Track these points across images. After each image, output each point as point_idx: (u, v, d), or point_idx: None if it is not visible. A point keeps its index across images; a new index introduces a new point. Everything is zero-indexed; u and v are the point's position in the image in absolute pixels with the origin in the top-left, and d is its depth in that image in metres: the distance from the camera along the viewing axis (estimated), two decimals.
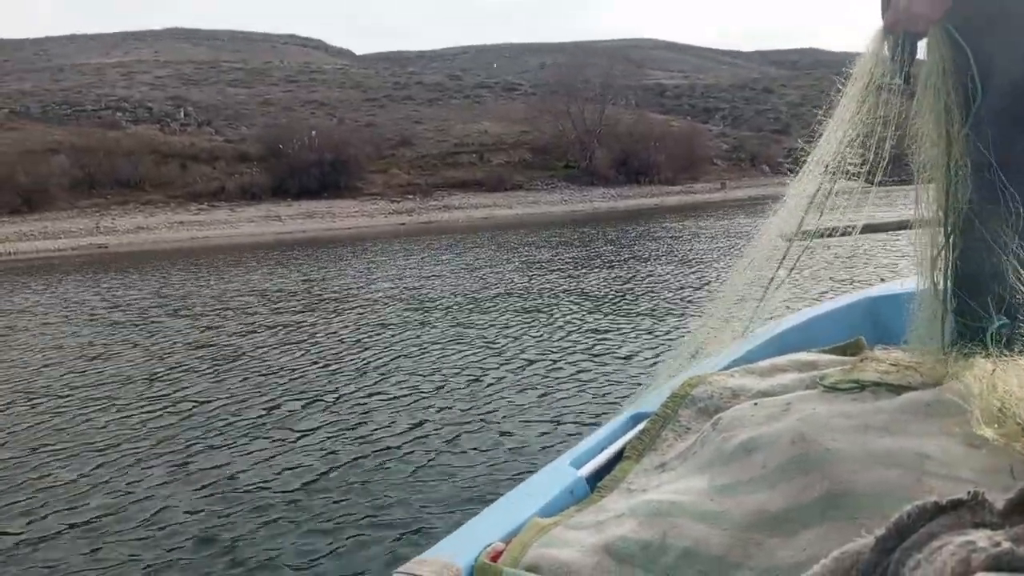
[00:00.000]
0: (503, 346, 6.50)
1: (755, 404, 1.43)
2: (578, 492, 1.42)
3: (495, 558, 1.17)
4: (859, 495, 1.08)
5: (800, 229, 2.27)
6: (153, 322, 9.01)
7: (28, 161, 31.07)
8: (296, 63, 67.81)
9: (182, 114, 44.04)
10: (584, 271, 11.62)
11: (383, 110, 51.37)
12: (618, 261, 12.84)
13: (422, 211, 33.88)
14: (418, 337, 7.13)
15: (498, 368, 5.72)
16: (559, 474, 1.47)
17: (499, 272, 12.18)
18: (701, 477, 1.29)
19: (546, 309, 8.20)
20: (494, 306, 8.65)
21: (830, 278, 7.85)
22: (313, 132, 36.86)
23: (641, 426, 1.61)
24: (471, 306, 8.75)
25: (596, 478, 1.47)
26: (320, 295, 10.67)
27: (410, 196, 36.56)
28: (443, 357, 6.20)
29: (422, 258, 15.72)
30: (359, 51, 71.79)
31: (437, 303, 9.17)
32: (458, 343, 6.71)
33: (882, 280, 5.71)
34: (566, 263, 13.03)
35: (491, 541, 1.21)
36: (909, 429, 1.18)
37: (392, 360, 6.22)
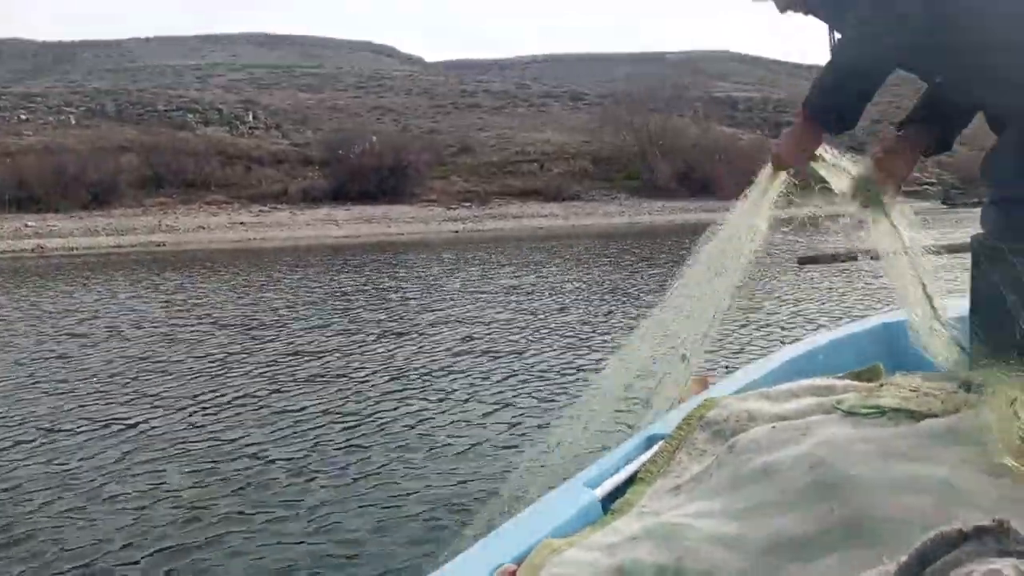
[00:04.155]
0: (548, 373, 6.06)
1: (773, 428, 1.40)
2: (591, 513, 1.41)
3: None
4: (880, 522, 1.06)
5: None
6: (195, 327, 8.87)
7: (99, 158, 32.15)
8: (367, 69, 68.82)
9: (251, 117, 44.98)
10: (634, 291, 11.14)
11: (448, 117, 51.63)
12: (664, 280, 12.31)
13: (477, 219, 33.73)
14: (448, 358, 6.78)
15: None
16: (572, 495, 1.45)
17: (543, 291, 11.79)
18: (717, 500, 1.27)
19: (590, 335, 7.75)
20: (534, 331, 8.21)
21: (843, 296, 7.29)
22: (374, 137, 37.15)
23: (655, 448, 1.60)
24: (510, 328, 8.32)
25: (610, 500, 1.46)
26: (360, 305, 10.46)
27: (467, 204, 36.49)
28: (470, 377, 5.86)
29: (469, 271, 15.44)
30: (432, 58, 72.57)
31: (470, 320, 8.82)
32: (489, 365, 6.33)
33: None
34: (614, 280, 12.57)
35: (503, 561, 1.20)
36: (930, 456, 1.17)
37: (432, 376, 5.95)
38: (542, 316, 8.70)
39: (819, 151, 1.79)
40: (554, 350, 6.79)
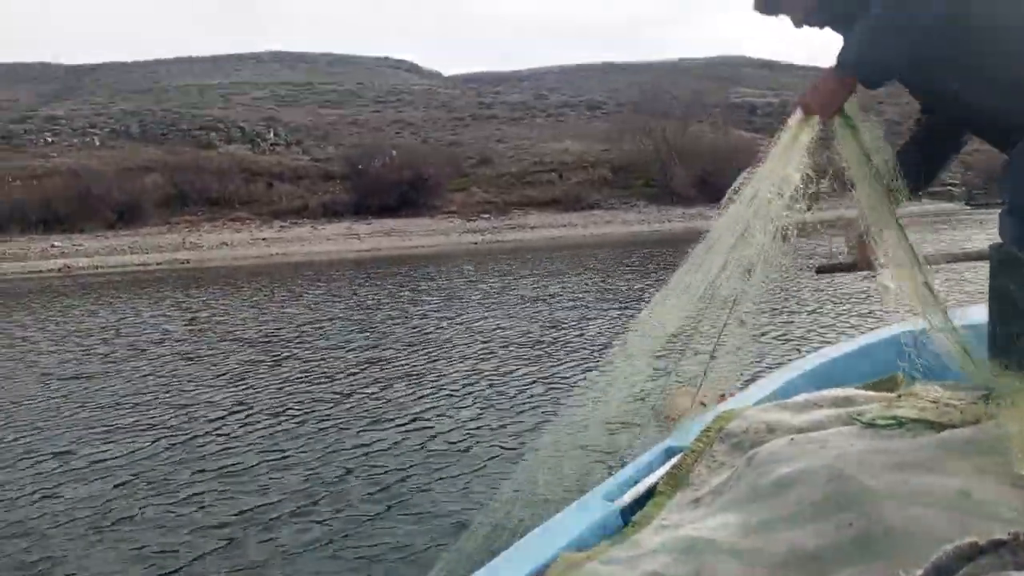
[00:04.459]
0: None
1: (791, 440, 1.39)
2: (610, 526, 1.40)
3: None
4: (897, 534, 1.05)
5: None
6: (221, 344, 8.97)
7: (124, 178, 32.60)
8: (386, 84, 69.22)
9: (272, 134, 45.38)
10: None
11: (467, 129, 51.76)
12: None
13: (496, 230, 33.80)
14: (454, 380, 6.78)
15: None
16: (591, 507, 1.45)
17: (568, 301, 11.78)
18: (736, 513, 1.26)
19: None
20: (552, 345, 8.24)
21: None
22: (394, 151, 37.37)
23: (674, 460, 1.59)
24: (529, 345, 8.36)
25: (629, 512, 1.45)
26: (364, 324, 10.51)
27: (486, 215, 36.56)
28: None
29: (491, 283, 15.46)
30: (449, 71, 72.37)
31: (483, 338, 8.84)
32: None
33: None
34: (637, 290, 12.53)
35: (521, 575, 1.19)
36: (948, 467, 1.16)
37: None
38: (572, 327, 8.70)
39: (847, 107, 1.71)
40: (592, 362, 6.80)
